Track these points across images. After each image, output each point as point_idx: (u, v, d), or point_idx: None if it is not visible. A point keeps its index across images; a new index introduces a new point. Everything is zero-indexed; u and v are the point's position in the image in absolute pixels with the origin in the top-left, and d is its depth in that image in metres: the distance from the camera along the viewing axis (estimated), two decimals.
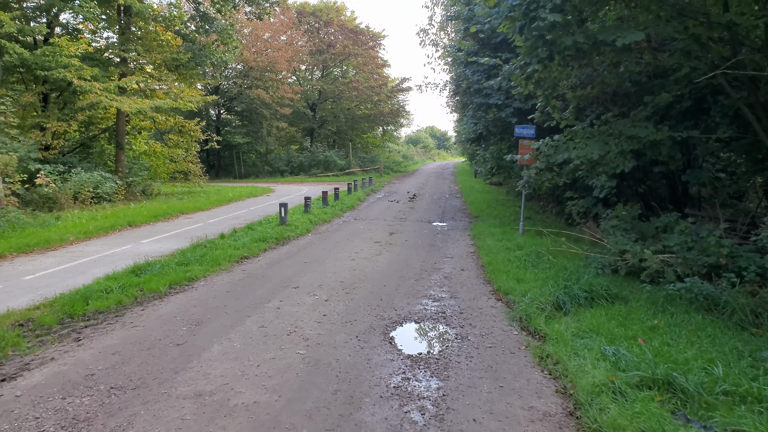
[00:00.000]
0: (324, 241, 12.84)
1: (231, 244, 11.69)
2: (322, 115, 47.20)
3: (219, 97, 39.01)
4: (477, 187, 29.13)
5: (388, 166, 46.18)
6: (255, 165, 42.15)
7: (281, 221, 14.25)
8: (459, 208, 20.56)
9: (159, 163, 25.49)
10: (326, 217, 16.74)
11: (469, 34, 16.48)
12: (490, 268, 9.68)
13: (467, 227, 15.44)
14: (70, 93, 20.10)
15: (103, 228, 14.29)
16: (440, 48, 32.33)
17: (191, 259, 10.03)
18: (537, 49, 9.50)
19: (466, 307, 7.45)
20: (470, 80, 15.86)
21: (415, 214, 18.38)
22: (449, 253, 11.46)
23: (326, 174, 40.50)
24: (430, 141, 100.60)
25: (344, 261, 10.47)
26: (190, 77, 24.18)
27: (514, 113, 15.25)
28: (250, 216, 17.33)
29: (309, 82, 47.28)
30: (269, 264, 10.23)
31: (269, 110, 38.76)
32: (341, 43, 45.08)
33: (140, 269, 9.20)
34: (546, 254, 10.14)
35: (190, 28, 23.35)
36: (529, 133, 13.05)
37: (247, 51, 36.05)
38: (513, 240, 12.09)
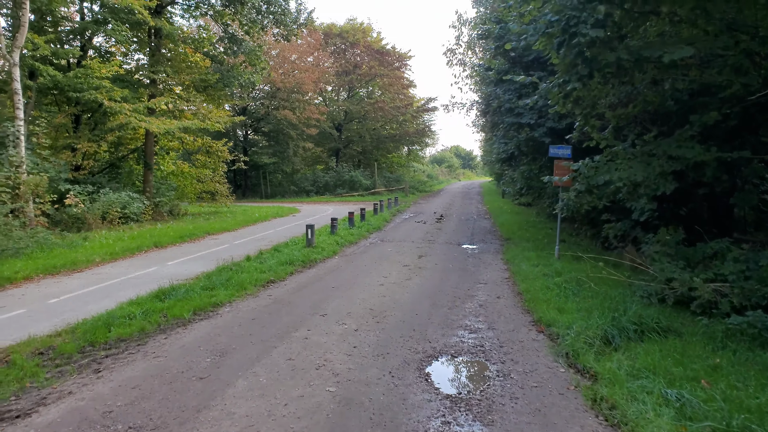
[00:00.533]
0: (351, 264, 12.48)
1: (257, 266, 11.40)
2: (348, 135, 47.26)
3: (246, 118, 39.29)
4: (505, 208, 28.57)
5: (414, 186, 45.85)
6: (281, 185, 42.25)
7: (308, 243, 13.96)
8: (488, 229, 20.04)
9: (186, 184, 25.58)
10: (353, 238, 16.41)
11: (500, 52, 16.15)
12: (528, 296, 9.18)
13: (499, 250, 14.93)
14: (100, 114, 20.31)
15: (129, 249, 14.17)
16: (468, 67, 32.13)
17: (216, 283, 9.75)
18: (576, 66, 9.10)
19: (506, 340, 6.97)
20: (501, 99, 15.49)
21: (443, 235, 17.94)
22: (482, 279, 10.98)
23: (351, 194, 40.34)
24: (455, 160, 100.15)
25: (373, 286, 10.08)
26: (218, 98, 24.31)
27: (548, 133, 14.80)
28: (276, 237, 17.09)
29: (335, 102, 47.47)
30: (296, 289, 9.89)
31: (296, 131, 38.89)
32: (367, 64, 45.23)
33: (164, 294, 8.94)
34: (587, 281, 9.60)
35: (218, 49, 23.53)
36: (565, 154, 12.58)
37: (274, 72, 36.33)
38: (549, 265, 11.55)
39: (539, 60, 15.29)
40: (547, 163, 17.28)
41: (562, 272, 10.65)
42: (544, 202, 22.72)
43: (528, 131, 14.66)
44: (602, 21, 8.22)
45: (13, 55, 14.24)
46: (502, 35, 15.28)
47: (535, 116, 14.98)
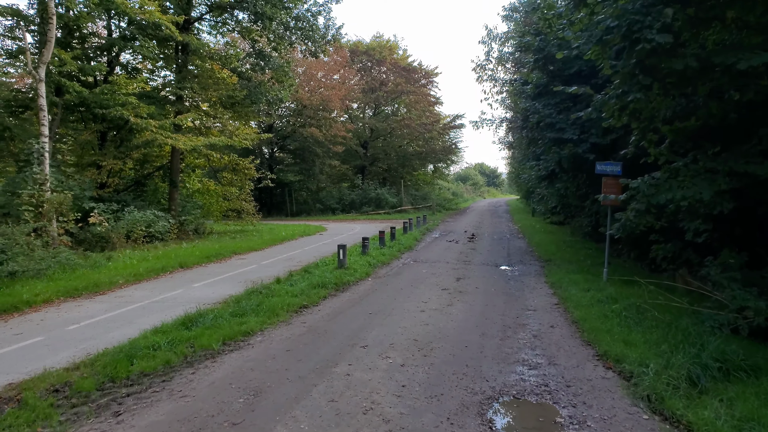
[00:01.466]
0: (386, 287, 11.76)
1: (288, 290, 10.76)
2: (374, 152, 46.83)
3: (273, 135, 39.12)
4: (538, 227, 27.62)
5: (440, 204, 45.11)
6: (306, 203, 41.86)
7: (339, 264, 13.29)
8: (524, 249, 19.17)
9: (212, 201, 25.21)
10: (385, 258, 15.70)
11: (539, 66, 15.45)
12: (586, 325, 8.34)
13: (540, 272, 14.08)
14: (126, 131, 20.07)
15: (153, 270, 13.68)
16: (498, 84, 31.51)
17: (246, 309, 9.11)
18: (635, 76, 8.36)
19: (572, 378, 6.16)
20: (541, 114, 14.75)
21: (478, 256, 17.13)
22: (530, 305, 10.16)
23: (378, 212, 39.73)
24: (480, 178, 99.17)
25: (413, 312, 9.34)
26: (245, 115, 24.00)
27: (591, 149, 14.00)
28: (305, 257, 16.48)
29: (361, 119, 47.16)
30: (331, 315, 9.20)
31: (322, 148, 38.56)
32: (393, 81, 44.89)
33: (191, 321, 8.32)
34: (649, 309, 8.74)
35: (245, 66, 23.27)
36: (614, 171, 11.76)
37: (300, 89, 36.13)
38: (600, 289, 10.69)
39: (581, 74, 14.57)
40: (588, 180, 16.44)
41: (618, 298, 9.79)
42: (582, 221, 21.79)
43: (571, 147, 13.87)
44: (668, 25, 7.49)
45: (39, 71, 14.00)
46: (542, 47, 14.61)
47: (577, 131, 14.21)
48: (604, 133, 14.05)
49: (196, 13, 22.48)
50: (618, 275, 12.49)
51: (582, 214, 22.04)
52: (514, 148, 42.36)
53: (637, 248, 15.25)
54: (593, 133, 14.08)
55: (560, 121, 14.57)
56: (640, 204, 8.74)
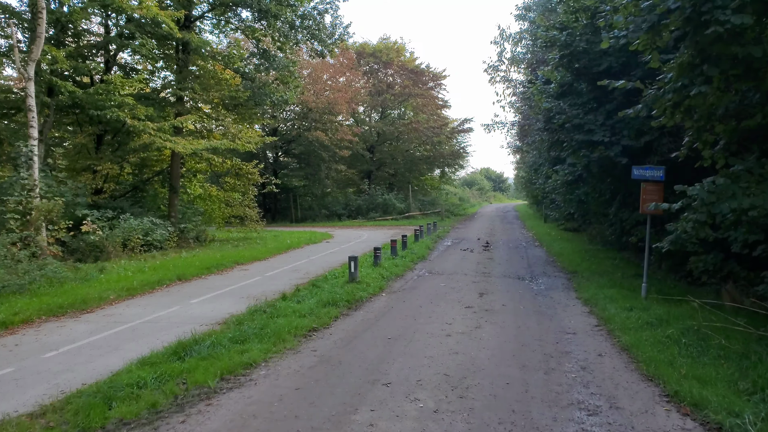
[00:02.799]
0: (403, 305, 10.64)
1: (295, 308, 9.65)
2: (380, 157, 45.73)
3: (277, 139, 38.10)
4: (553, 234, 26.46)
5: (448, 209, 44.03)
6: (311, 208, 40.77)
7: (350, 278, 12.18)
8: (545, 259, 18.02)
9: (214, 208, 24.15)
10: (398, 270, 14.58)
11: (563, 63, 14.34)
12: (640, 354, 7.20)
13: (568, 287, 12.95)
14: (124, 134, 19.04)
15: (149, 283, 12.60)
16: (511, 85, 30.46)
17: (249, 333, 8.00)
18: (698, 66, 7.25)
19: (646, 430, 5.03)
20: (568, 115, 13.64)
21: (497, 267, 15.99)
22: (567, 326, 9.03)
23: (385, 218, 38.62)
24: (486, 183, 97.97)
25: (438, 337, 8.21)
26: (249, 117, 22.97)
27: (623, 152, 12.87)
28: (312, 268, 15.38)
29: (367, 123, 46.11)
30: (345, 340, 8.08)
31: (328, 152, 37.50)
32: (400, 84, 43.87)
33: (185, 348, 7.21)
34: (711, 334, 7.60)
35: (249, 66, 22.25)
36: (656, 176, 10.65)
37: (306, 92, 35.11)
38: (644, 309, 9.54)
39: (610, 71, 13.45)
40: (613, 186, 15.29)
41: (667, 319, 8.66)
42: (604, 229, 20.63)
43: (602, 150, 12.74)
44: (743, 5, 6.38)
45: (28, 69, 12.98)
46: (569, 42, 13.50)
47: (608, 133, 13.09)
48: (637, 135, 12.95)
49: (197, 11, 21.49)
50: (655, 290, 11.38)
51: (603, 221, 20.90)
52: (525, 152, 41.26)
53: (670, 259, 14.08)
54: (625, 135, 12.97)
55: (589, 122, 13.46)
56: (699, 214, 7.60)
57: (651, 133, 12.69)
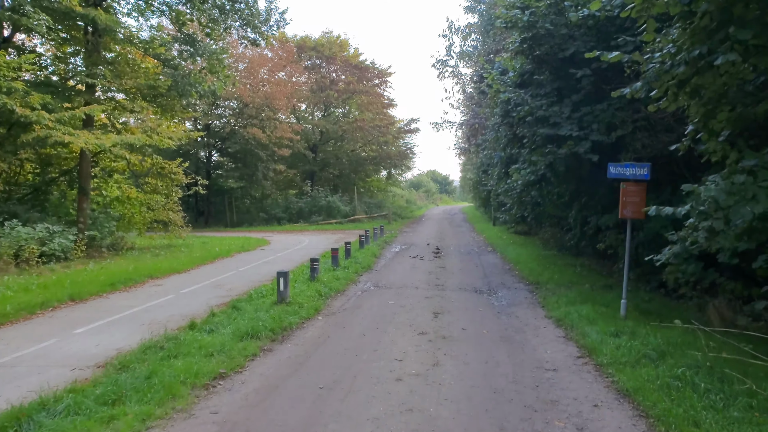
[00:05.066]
0: (342, 333, 8.66)
1: (203, 342, 7.50)
2: (324, 157, 43.47)
3: (209, 137, 35.31)
4: (505, 238, 25.07)
5: (395, 212, 42.26)
6: (249, 212, 38.02)
7: (279, 298, 10.07)
8: (501, 267, 16.44)
9: (134, 212, 21.37)
10: (339, 284, 12.57)
11: (522, 50, 12.78)
12: (649, 405, 5.51)
13: (533, 302, 11.32)
14: (19, 126, 16.16)
15: (28, 306, 10.11)
16: (460, 80, 29.01)
17: (128, 385, 5.83)
18: (716, 32, 5.64)
19: None
20: (531, 106, 12.04)
21: (451, 277, 14.25)
22: (544, 359, 7.29)
23: (329, 221, 36.45)
24: (433, 185, 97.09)
25: (385, 383, 6.28)
26: (171, 109, 20.35)
27: (593, 148, 11.36)
28: (238, 282, 13.19)
29: (309, 121, 43.79)
30: (260, 394, 6.01)
31: (266, 151, 34.97)
32: (345, 80, 41.79)
33: (25, 415, 4.99)
34: (730, 372, 6.01)
35: (171, 52, 19.71)
36: (638, 174, 9.11)
37: (241, 86, 32.52)
38: (632, 333, 7.93)
39: (574, 58, 11.96)
40: (575, 186, 13.84)
41: (667, 350, 7.05)
42: (557, 232, 19.32)
43: (571, 145, 11.18)
44: None
45: None
46: (533, 23, 11.90)
47: (575, 127, 11.56)
48: (608, 130, 11.47)
49: None
50: (632, 306, 9.92)
51: (562, 225, 19.60)
52: (472, 153, 40.10)
53: (639, 267, 12.70)
54: (594, 129, 11.48)
55: (554, 114, 11.90)
56: (716, 221, 5.98)
57: (624, 126, 11.25)
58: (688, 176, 11.48)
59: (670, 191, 12.07)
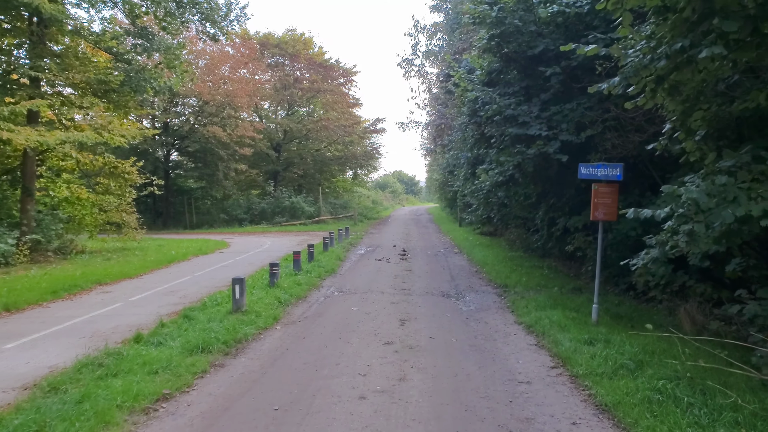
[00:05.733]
0: (302, 344, 8.09)
1: (148, 358, 6.83)
2: (288, 156, 42.53)
3: (167, 136, 34.07)
4: (471, 239, 24.80)
5: (361, 213, 41.67)
6: (209, 213, 36.82)
7: (235, 306, 9.42)
8: (468, 269, 16.08)
9: (85, 213, 20.25)
10: (300, 290, 11.96)
11: (490, 47, 12.43)
12: (630, 421, 5.15)
13: (502, 306, 10.96)
14: None
15: None
16: (426, 80, 28.66)
17: (55, 412, 5.14)
18: (698, 24, 5.30)
19: None
20: (499, 105, 11.69)
21: (418, 281, 13.80)
22: (516, 370, 6.88)
23: (293, 222, 35.62)
24: (399, 186, 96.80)
25: (348, 402, 5.75)
26: (125, 106, 19.31)
27: (563, 148, 11.07)
28: (193, 289, 12.45)
29: (273, 120, 42.81)
30: (207, 418, 5.39)
31: (227, 150, 33.92)
32: (309, 79, 40.98)
33: None
34: (712, 385, 5.68)
35: (125, 45, 18.72)
36: (611, 175, 8.80)
37: (201, 83, 31.43)
38: (606, 341, 7.58)
39: (543, 57, 11.69)
40: (545, 187, 13.56)
41: (644, 359, 6.72)
42: (529, 235, 19.09)
43: (541, 145, 10.86)
44: None
45: None
46: (501, 19, 11.55)
47: (544, 127, 11.26)
48: (577, 129, 11.21)
49: None
50: (603, 310, 9.62)
51: (529, 226, 19.40)
52: (438, 154, 39.91)
53: (608, 268, 12.51)
54: (563, 128, 11.21)
55: (522, 113, 11.58)
56: (697, 223, 5.65)
57: (594, 126, 11.00)
58: (656, 177, 11.36)
59: (638, 193, 11.91)
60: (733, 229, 5.97)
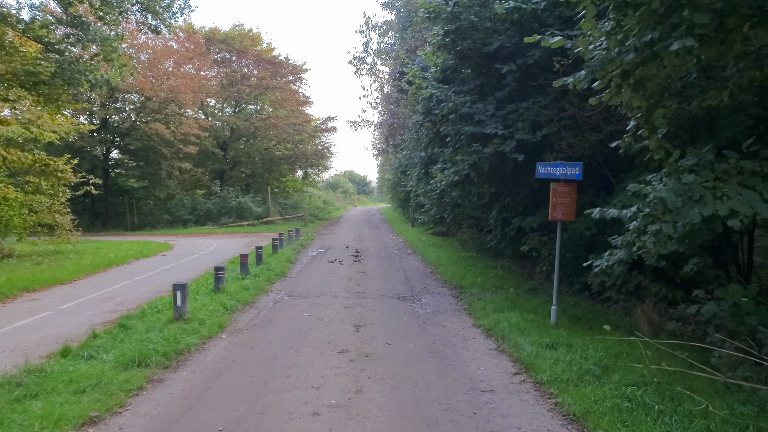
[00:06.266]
0: (250, 354, 7.52)
1: (75, 373, 6.13)
2: (235, 155, 41.25)
3: (106, 132, 32.37)
4: (424, 239, 24.57)
5: (312, 213, 40.88)
6: (152, 214, 35.21)
7: (176, 314, 8.74)
8: (423, 271, 15.79)
9: (13, 214, 18.78)
10: (248, 295, 11.32)
11: (444, 44, 12.17)
12: None
13: (459, 309, 10.68)
14: None
15: None
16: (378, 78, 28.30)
17: None
18: (666, 16, 5.10)
19: None
20: (455, 103, 11.41)
21: (372, 283, 13.38)
22: (477, 378, 6.56)
23: (240, 223, 34.52)
24: (350, 186, 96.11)
25: (300, 419, 5.27)
26: (57, 100, 18.02)
27: (518, 147, 10.90)
28: (132, 294, 11.62)
29: (219, 117, 41.43)
30: None
31: (170, 149, 32.49)
32: (257, 76, 39.86)
33: None
34: (681, 391, 5.51)
35: (56, 35, 17.48)
36: (570, 174, 8.62)
37: (143, 77, 29.97)
38: (569, 345, 7.37)
39: (498, 55, 11.52)
40: (497, 187, 13.39)
41: (609, 364, 6.52)
42: (482, 236, 18.98)
43: (497, 144, 10.64)
44: None
45: None
46: (457, 14, 11.28)
47: (500, 126, 11.06)
48: (533, 128, 11.07)
49: None
50: (560, 310, 9.46)
51: (483, 226, 19.31)
52: (390, 154, 39.68)
53: (562, 268, 12.42)
54: (519, 127, 11.04)
55: (478, 111, 11.35)
56: (666, 224, 5.45)
57: (549, 125, 10.88)
58: (610, 177, 11.36)
59: (593, 193, 11.89)
60: (695, 229, 5.84)
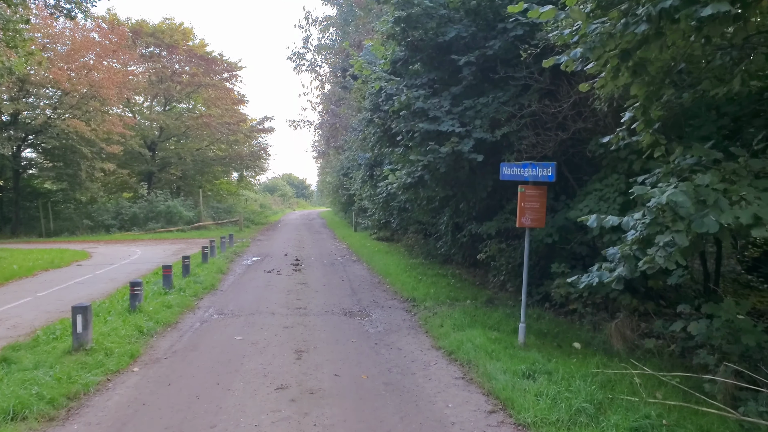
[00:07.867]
0: (167, 394, 6.08)
1: None
2: (164, 156, 38.66)
3: (16, 129, 29.40)
4: (368, 245, 23.41)
5: (248, 218, 38.86)
6: (71, 219, 32.25)
7: (76, 344, 7.13)
8: (370, 280, 14.61)
9: None
10: (170, 314, 9.74)
11: (394, 33, 11.09)
12: None
13: (413, 325, 9.59)
14: None
15: None
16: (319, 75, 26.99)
17: None
18: None
19: None
20: (409, 97, 10.31)
21: (315, 296, 12.07)
22: (446, 418, 5.45)
23: (169, 228, 32.15)
24: (289, 189, 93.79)
25: None
26: None
27: (476, 147, 9.93)
28: (30, 315, 9.81)
29: (147, 116, 38.76)
30: None
31: (91, 148, 29.83)
32: (189, 73, 37.55)
33: None
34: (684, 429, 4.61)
35: None
36: (541, 175, 7.69)
37: (59, 69, 27.31)
38: (546, 371, 6.40)
39: (452, 46, 10.55)
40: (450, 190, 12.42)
41: (602, 400, 5.53)
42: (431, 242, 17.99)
43: (455, 143, 9.62)
44: None
45: None
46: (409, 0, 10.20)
47: (457, 123, 10.07)
48: (491, 126, 10.13)
49: None
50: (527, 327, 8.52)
51: (427, 231, 18.38)
52: (331, 156, 38.39)
53: (518, 277, 11.57)
54: (477, 125, 10.09)
55: (433, 106, 10.31)
56: (678, 234, 4.50)
57: (510, 123, 9.97)
58: (571, 180, 10.58)
59: (552, 197, 11.06)
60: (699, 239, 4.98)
